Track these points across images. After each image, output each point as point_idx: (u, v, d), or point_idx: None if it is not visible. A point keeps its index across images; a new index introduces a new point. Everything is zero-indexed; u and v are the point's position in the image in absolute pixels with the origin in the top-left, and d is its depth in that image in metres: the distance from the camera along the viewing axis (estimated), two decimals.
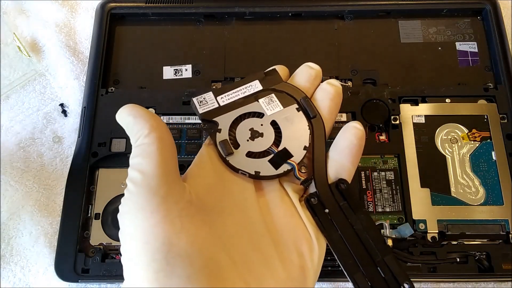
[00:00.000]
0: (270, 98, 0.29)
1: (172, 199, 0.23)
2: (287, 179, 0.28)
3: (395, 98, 0.38)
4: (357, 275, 0.25)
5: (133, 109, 0.25)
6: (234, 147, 0.27)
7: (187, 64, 0.41)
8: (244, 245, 0.24)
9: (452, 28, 0.42)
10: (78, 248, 0.34)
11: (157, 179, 0.23)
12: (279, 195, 0.27)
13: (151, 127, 0.24)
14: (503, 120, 0.37)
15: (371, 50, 0.41)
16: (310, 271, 0.25)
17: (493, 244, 0.34)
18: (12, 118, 0.41)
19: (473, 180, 0.35)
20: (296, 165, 0.27)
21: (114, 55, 0.41)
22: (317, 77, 0.30)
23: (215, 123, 0.28)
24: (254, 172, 0.26)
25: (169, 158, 0.24)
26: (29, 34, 0.45)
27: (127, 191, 0.23)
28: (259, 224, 0.25)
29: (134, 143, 0.24)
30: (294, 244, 0.25)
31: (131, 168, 0.24)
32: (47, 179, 0.39)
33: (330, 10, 0.42)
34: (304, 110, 0.28)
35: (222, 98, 0.28)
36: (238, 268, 0.23)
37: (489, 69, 0.40)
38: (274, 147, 0.27)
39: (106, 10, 0.42)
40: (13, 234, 0.37)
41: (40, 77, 0.43)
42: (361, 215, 0.26)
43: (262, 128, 0.28)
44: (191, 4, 0.42)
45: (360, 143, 0.27)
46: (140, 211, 0.22)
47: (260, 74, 0.30)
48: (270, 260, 0.24)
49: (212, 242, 0.23)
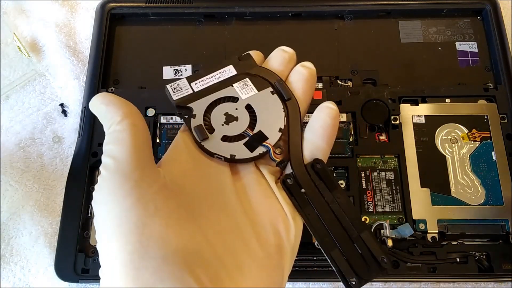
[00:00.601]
0: (245, 82, 0.29)
1: (145, 183, 0.23)
2: (263, 162, 0.28)
3: (395, 98, 0.38)
4: (334, 252, 0.25)
5: (105, 97, 0.25)
6: (209, 132, 0.27)
7: (187, 64, 0.41)
8: (221, 227, 0.24)
9: (452, 28, 0.42)
10: (78, 248, 0.34)
11: (129, 164, 0.23)
12: (255, 177, 0.27)
13: (123, 114, 0.24)
14: (503, 120, 0.37)
15: (371, 50, 0.41)
16: (287, 249, 0.25)
17: (493, 244, 0.34)
18: (12, 118, 0.41)
19: (473, 180, 0.35)
20: (271, 147, 0.27)
21: (114, 55, 0.41)
22: (291, 60, 0.30)
23: (189, 109, 0.28)
24: (230, 156, 0.26)
25: (143, 144, 0.24)
26: (29, 34, 0.45)
27: (100, 177, 0.23)
28: (235, 206, 0.25)
29: (107, 130, 0.24)
30: (271, 224, 0.25)
31: (104, 155, 0.24)
32: (47, 179, 0.39)
33: (330, 10, 0.42)
34: (279, 92, 0.28)
35: (196, 84, 0.28)
36: (215, 250, 0.23)
37: (489, 69, 0.40)
38: (249, 130, 0.27)
39: (106, 10, 0.42)
40: (13, 234, 0.37)
41: (40, 77, 0.43)
42: (338, 193, 0.27)
43: (237, 112, 0.28)
44: (191, 4, 0.42)
45: (334, 123, 0.27)
46: (113, 196, 0.22)
47: (234, 59, 0.30)
48: (247, 240, 0.24)
49: (187, 225, 0.23)
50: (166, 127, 0.38)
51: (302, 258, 0.34)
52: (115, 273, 0.21)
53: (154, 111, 0.38)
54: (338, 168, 0.36)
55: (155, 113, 0.38)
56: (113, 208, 0.22)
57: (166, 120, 0.38)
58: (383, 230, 0.34)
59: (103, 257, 0.22)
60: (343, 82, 0.40)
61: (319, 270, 0.34)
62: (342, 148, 0.37)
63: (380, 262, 0.25)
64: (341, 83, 0.40)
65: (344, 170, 0.36)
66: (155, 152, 0.37)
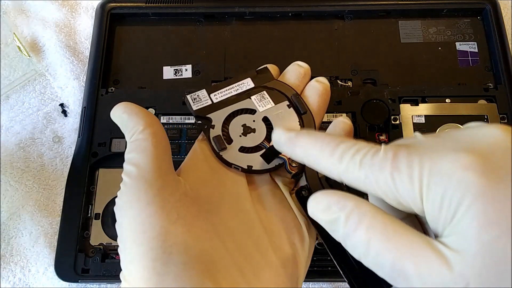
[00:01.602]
0: (262, 95, 0.29)
1: (168, 191, 0.23)
2: (278, 173, 0.29)
3: (395, 98, 0.38)
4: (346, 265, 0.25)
5: (127, 107, 0.26)
6: (227, 142, 0.28)
7: (187, 64, 0.41)
8: (238, 234, 0.25)
9: (452, 28, 0.42)
10: (78, 248, 0.34)
11: (152, 172, 0.23)
12: (270, 188, 0.28)
13: (146, 124, 0.25)
14: (503, 120, 0.37)
15: (371, 50, 0.41)
16: (301, 259, 0.25)
17: None
18: (12, 118, 0.41)
19: None
20: (287, 159, 0.27)
21: (114, 55, 0.41)
22: (306, 75, 0.31)
23: (208, 119, 0.28)
24: (247, 167, 0.27)
25: (163, 153, 0.25)
26: (29, 34, 0.45)
27: (123, 184, 0.24)
28: (252, 215, 0.26)
29: (129, 139, 0.25)
30: (286, 234, 0.26)
31: (126, 162, 0.24)
32: (47, 179, 0.39)
33: (330, 10, 0.42)
34: (295, 106, 0.29)
35: (215, 95, 0.29)
36: (233, 256, 0.24)
37: (489, 69, 0.40)
38: (266, 142, 0.28)
39: (106, 10, 0.42)
40: (13, 234, 0.37)
41: (40, 77, 0.43)
42: None
43: (254, 124, 0.29)
44: (191, 4, 0.42)
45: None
46: (136, 202, 0.23)
47: (252, 72, 0.31)
48: (264, 249, 0.25)
49: (208, 231, 0.24)
50: (166, 127, 0.38)
51: None
52: (137, 278, 0.22)
53: (154, 111, 0.38)
54: None
55: (155, 113, 0.38)
56: (137, 215, 0.22)
57: (166, 120, 0.38)
58: None
59: (126, 261, 0.23)
60: (343, 82, 0.40)
61: (319, 270, 0.33)
62: None
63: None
64: (341, 83, 0.40)
65: None
66: None
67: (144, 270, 0.21)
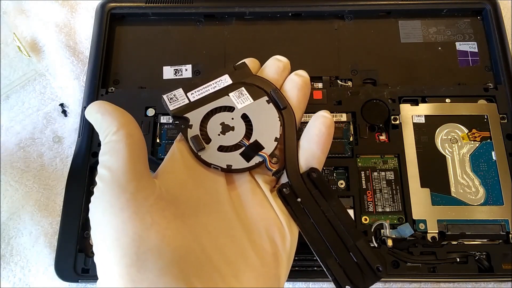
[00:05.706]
0: (240, 92, 0.29)
1: (142, 195, 0.23)
2: (259, 171, 0.28)
3: (395, 98, 0.38)
4: (330, 261, 0.26)
5: (101, 106, 0.25)
6: (206, 142, 0.27)
7: (187, 64, 0.41)
8: (217, 236, 0.24)
9: (452, 28, 0.42)
10: (78, 248, 0.34)
11: (125, 175, 0.23)
12: (251, 186, 0.27)
13: (119, 124, 0.24)
14: (503, 120, 0.37)
15: (371, 50, 0.41)
16: (283, 258, 0.25)
17: (493, 244, 0.34)
18: (12, 118, 0.41)
19: (473, 180, 0.35)
20: (267, 156, 0.27)
21: (114, 55, 0.41)
22: (285, 69, 0.30)
23: (186, 119, 0.28)
24: (226, 166, 0.27)
25: (138, 154, 0.24)
26: (29, 34, 0.45)
27: (96, 189, 0.23)
28: (231, 216, 0.26)
29: (102, 140, 0.24)
30: (267, 232, 0.25)
31: (100, 165, 0.24)
32: (47, 179, 0.39)
33: (330, 10, 0.42)
34: (274, 101, 0.28)
35: (192, 94, 0.29)
36: (211, 259, 0.23)
37: (489, 69, 0.40)
38: (245, 140, 0.28)
39: (106, 10, 0.42)
40: (13, 234, 0.37)
41: (40, 77, 0.43)
42: (333, 202, 0.27)
43: (233, 122, 0.28)
44: (191, 4, 0.42)
45: (328, 131, 0.28)
46: (109, 209, 0.22)
47: (229, 68, 0.30)
48: (244, 250, 0.25)
49: (184, 235, 0.23)
50: (166, 127, 0.38)
51: (302, 258, 0.34)
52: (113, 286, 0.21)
53: (154, 111, 0.38)
54: (338, 168, 0.36)
55: (155, 113, 0.38)
56: (110, 221, 0.22)
57: (166, 120, 0.38)
58: (383, 230, 0.34)
59: (101, 269, 0.22)
60: (343, 82, 0.40)
61: (319, 270, 0.34)
62: (342, 148, 0.37)
63: (375, 271, 0.26)
64: (341, 83, 0.40)
65: (344, 170, 0.36)
66: (155, 152, 0.37)
67: (120, 277, 0.21)
